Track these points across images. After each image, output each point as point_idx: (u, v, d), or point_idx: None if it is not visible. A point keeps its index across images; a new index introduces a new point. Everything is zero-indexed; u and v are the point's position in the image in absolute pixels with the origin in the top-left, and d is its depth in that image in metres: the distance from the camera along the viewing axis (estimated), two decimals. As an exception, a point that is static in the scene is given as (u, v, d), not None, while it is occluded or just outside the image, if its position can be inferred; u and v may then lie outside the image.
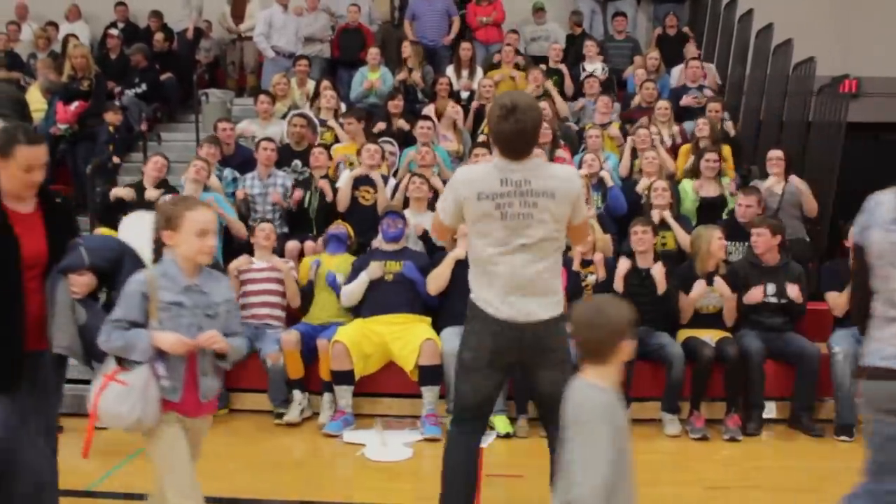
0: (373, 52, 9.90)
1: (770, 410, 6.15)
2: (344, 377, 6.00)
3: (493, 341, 3.71)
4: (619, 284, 6.12)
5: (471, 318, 3.80)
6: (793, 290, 6.13)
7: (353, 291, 6.36)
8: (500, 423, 5.87)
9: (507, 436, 5.83)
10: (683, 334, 6.23)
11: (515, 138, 3.60)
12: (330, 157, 7.91)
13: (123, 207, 6.93)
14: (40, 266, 3.51)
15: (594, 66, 10.17)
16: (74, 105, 8.82)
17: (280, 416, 6.13)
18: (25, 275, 3.45)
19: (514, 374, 4.44)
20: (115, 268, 3.63)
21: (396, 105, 8.98)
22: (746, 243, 6.54)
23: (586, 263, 6.34)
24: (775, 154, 7.46)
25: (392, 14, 12.17)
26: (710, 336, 6.12)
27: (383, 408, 6.31)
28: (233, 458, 5.45)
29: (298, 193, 7.51)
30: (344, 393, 6.02)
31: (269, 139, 7.81)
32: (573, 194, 3.69)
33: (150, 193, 7.11)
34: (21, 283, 3.43)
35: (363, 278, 6.32)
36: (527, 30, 11.29)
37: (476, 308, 3.77)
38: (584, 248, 6.24)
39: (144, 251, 5.93)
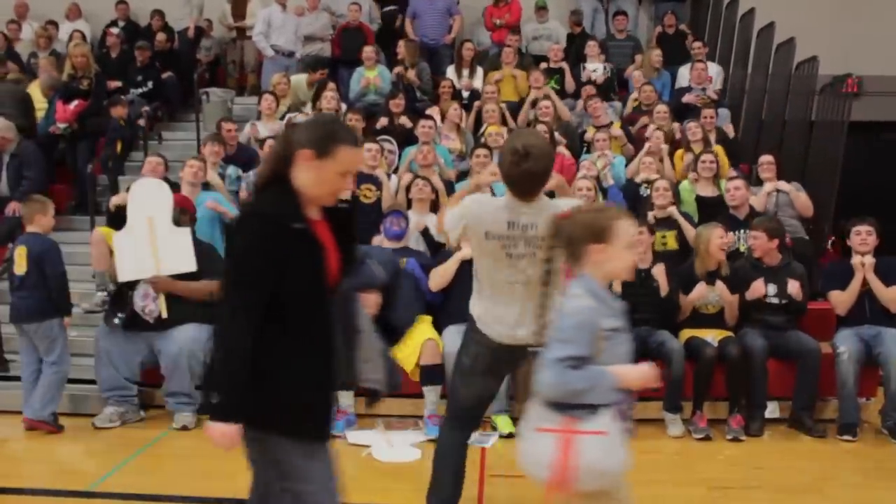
0: (367, 51, 9.83)
1: (773, 410, 6.12)
2: (345, 377, 5.96)
3: (491, 353, 3.84)
4: (616, 287, 6.11)
5: (470, 327, 3.91)
6: (793, 287, 6.10)
7: None
8: (503, 422, 5.85)
9: (510, 436, 5.80)
10: (686, 334, 6.21)
11: (526, 182, 3.68)
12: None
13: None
14: (334, 284, 2.85)
15: (595, 66, 10.15)
16: (74, 104, 8.80)
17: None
18: None
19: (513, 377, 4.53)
20: (395, 284, 3.16)
21: (398, 104, 8.97)
22: (745, 231, 6.62)
23: None
24: (766, 159, 7.59)
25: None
26: (712, 336, 6.11)
27: (384, 408, 6.27)
28: (234, 458, 5.40)
29: None
30: (345, 392, 5.99)
31: (276, 138, 7.83)
32: None
33: None
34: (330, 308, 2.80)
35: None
36: (528, 28, 11.26)
37: (474, 323, 3.88)
38: None
39: (160, 218, 5.99)
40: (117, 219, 7.07)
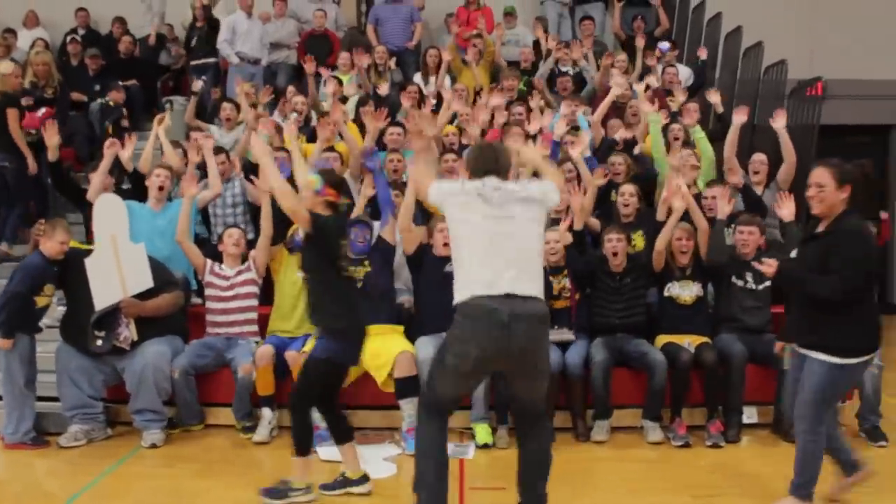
0: (343, 56, 9.75)
1: (751, 415, 6.08)
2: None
3: (480, 351, 3.78)
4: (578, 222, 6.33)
5: (459, 321, 3.83)
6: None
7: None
8: (482, 432, 5.76)
9: (486, 446, 5.71)
10: (662, 340, 6.16)
11: (489, 164, 4.03)
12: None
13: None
14: None
15: (568, 67, 10.06)
16: (41, 112, 8.56)
17: (245, 429, 5.99)
18: None
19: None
20: None
21: (368, 111, 8.82)
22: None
23: (556, 271, 6.23)
24: (759, 157, 7.45)
25: (358, 19, 12.05)
26: (689, 341, 6.07)
27: (358, 420, 6.14)
28: (208, 476, 5.28)
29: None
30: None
31: (222, 149, 7.46)
32: (546, 200, 4.09)
33: None
34: None
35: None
36: (496, 34, 11.14)
37: (467, 307, 3.81)
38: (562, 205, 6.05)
39: (121, 235, 5.85)
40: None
